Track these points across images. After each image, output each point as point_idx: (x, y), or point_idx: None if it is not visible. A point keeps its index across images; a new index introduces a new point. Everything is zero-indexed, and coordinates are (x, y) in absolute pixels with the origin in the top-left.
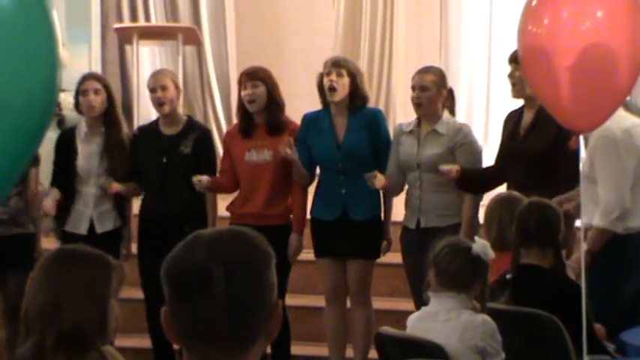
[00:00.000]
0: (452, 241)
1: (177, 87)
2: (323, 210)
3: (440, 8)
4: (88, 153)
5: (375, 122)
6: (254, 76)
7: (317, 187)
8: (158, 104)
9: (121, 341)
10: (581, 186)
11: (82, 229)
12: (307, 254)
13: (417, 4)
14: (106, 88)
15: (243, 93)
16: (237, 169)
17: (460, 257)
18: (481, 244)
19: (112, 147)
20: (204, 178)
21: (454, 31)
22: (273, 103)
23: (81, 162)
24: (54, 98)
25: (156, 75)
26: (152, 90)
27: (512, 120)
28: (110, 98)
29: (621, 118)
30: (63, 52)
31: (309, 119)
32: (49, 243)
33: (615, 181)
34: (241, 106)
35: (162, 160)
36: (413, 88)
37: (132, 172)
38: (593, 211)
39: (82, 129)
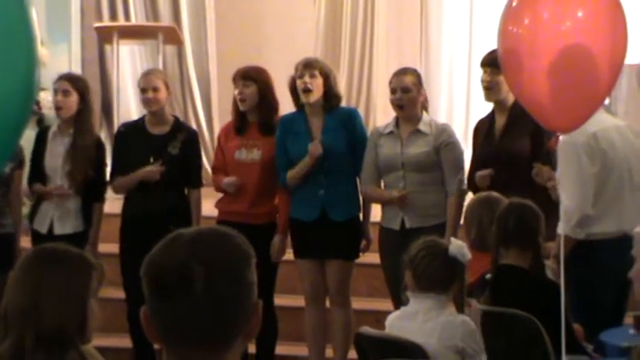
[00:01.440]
0: (428, 243)
1: (167, 88)
2: (301, 210)
3: (420, 10)
4: (54, 153)
5: (350, 121)
6: (246, 75)
7: (295, 187)
8: (148, 104)
9: (102, 341)
10: (559, 187)
11: (43, 228)
12: (288, 254)
13: (397, 6)
14: (79, 90)
15: (235, 92)
16: (227, 165)
17: (437, 259)
18: (457, 246)
19: (75, 150)
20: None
21: (435, 33)
22: (266, 102)
23: (47, 161)
24: (32, 96)
25: (148, 76)
26: (143, 90)
27: (484, 127)
28: (84, 101)
29: (593, 122)
30: (42, 51)
31: (285, 121)
32: (27, 242)
33: (575, 187)
34: (235, 104)
35: (150, 160)
36: (393, 90)
37: (100, 179)
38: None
39: (53, 128)
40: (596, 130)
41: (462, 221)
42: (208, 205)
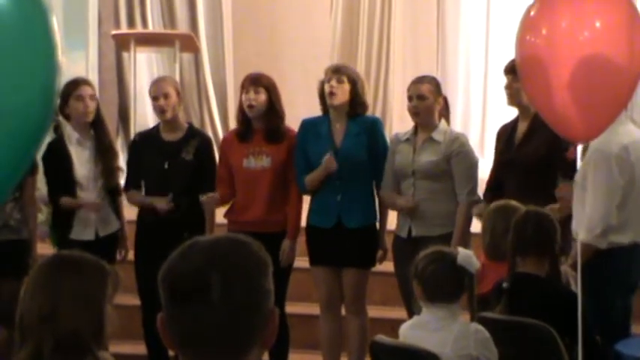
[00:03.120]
0: (435, 254)
1: (178, 94)
2: (318, 217)
3: (437, 18)
4: (83, 159)
5: (373, 130)
6: (257, 82)
7: (313, 193)
8: (160, 112)
9: (117, 347)
10: (574, 194)
11: (89, 235)
12: (304, 262)
13: (414, 14)
14: (95, 92)
15: (244, 97)
16: (234, 175)
17: (445, 270)
18: (465, 255)
19: (104, 150)
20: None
21: (451, 41)
22: (273, 111)
23: (78, 169)
24: (53, 104)
25: (158, 82)
26: (154, 98)
27: (506, 131)
28: (97, 103)
29: (624, 134)
30: (61, 58)
31: (307, 125)
32: (44, 249)
33: (603, 198)
34: (241, 109)
35: (164, 166)
36: (410, 98)
37: (132, 176)
38: (581, 220)
39: (73, 135)
40: (628, 142)
41: (473, 230)
42: (221, 212)
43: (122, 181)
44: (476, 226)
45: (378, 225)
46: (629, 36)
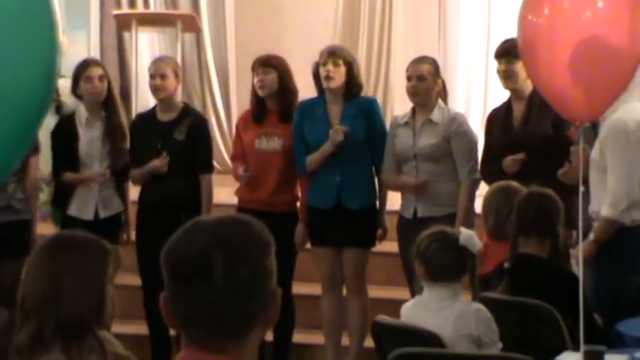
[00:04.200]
0: (437, 234)
1: (177, 76)
2: (318, 198)
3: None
4: (90, 138)
5: (370, 111)
6: (266, 62)
7: (311, 175)
8: (154, 90)
9: (118, 328)
10: (590, 173)
11: (88, 215)
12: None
13: None
14: (107, 74)
15: (254, 79)
16: (247, 154)
17: (447, 250)
18: (467, 235)
19: (113, 131)
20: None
21: (453, 22)
22: (285, 89)
23: (83, 147)
24: (53, 84)
25: (157, 62)
26: (151, 76)
27: (500, 115)
28: (109, 83)
29: (636, 111)
30: (62, 39)
31: (304, 107)
32: (45, 228)
33: (625, 173)
34: (254, 92)
35: (157, 147)
36: (409, 78)
37: (132, 158)
38: (602, 199)
39: (83, 114)
40: None
41: (477, 210)
42: (227, 193)
43: None
44: (477, 206)
45: (377, 205)
46: (631, 16)
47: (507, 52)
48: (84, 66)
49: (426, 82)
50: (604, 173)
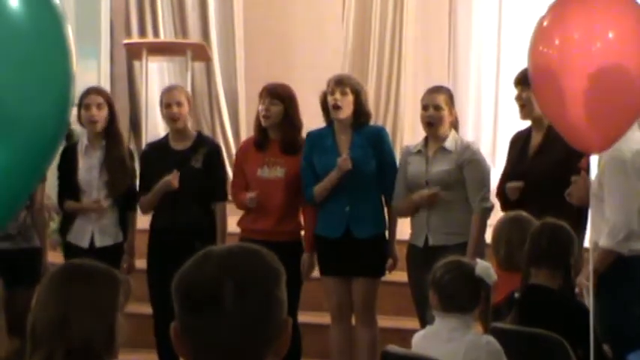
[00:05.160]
0: (453, 264)
1: (189, 103)
2: (326, 227)
3: (449, 28)
4: (88, 166)
5: (379, 140)
6: (274, 93)
7: (320, 205)
8: (172, 120)
9: (127, 356)
10: (590, 205)
11: (84, 243)
12: (314, 271)
13: (425, 23)
14: (109, 102)
15: (260, 107)
16: (248, 183)
17: (462, 280)
18: (484, 266)
19: (112, 161)
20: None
21: (463, 51)
22: (290, 122)
23: (82, 175)
24: (67, 115)
25: (171, 91)
26: (167, 105)
27: (520, 141)
28: (112, 113)
29: (635, 140)
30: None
31: (313, 137)
32: (55, 257)
33: (623, 203)
34: (258, 118)
35: None
36: (425, 107)
37: (133, 187)
38: (602, 230)
39: (83, 142)
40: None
41: (487, 239)
42: (232, 222)
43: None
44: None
45: (387, 234)
46: None
47: (526, 80)
48: (85, 94)
49: (442, 112)
50: (602, 204)
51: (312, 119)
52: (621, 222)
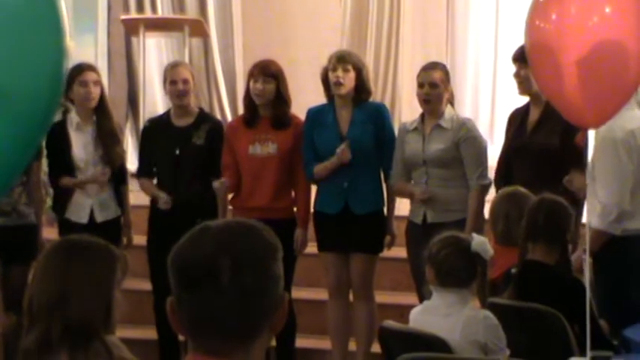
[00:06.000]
0: (449, 239)
1: (194, 79)
2: (325, 203)
3: (447, 4)
4: (83, 143)
5: (379, 116)
6: (266, 70)
7: (320, 180)
8: (178, 96)
9: (127, 332)
10: (587, 185)
11: (83, 218)
12: (312, 247)
13: (423, 0)
14: (100, 78)
15: (252, 86)
16: (240, 162)
17: (459, 255)
18: (480, 241)
19: (105, 135)
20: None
21: (460, 27)
22: (281, 98)
23: (77, 152)
24: (60, 89)
25: (176, 67)
26: (173, 82)
27: (518, 117)
28: (101, 88)
29: (629, 119)
30: (69, 43)
31: (313, 113)
32: (52, 233)
33: (614, 183)
34: (249, 96)
35: (175, 152)
36: (421, 84)
37: (124, 161)
38: (594, 210)
39: (74, 119)
40: (634, 127)
41: (485, 215)
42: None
43: (128, 168)
44: (485, 211)
45: (385, 210)
46: (638, 21)
47: (524, 57)
48: (79, 70)
49: (438, 89)
50: (594, 183)
51: (309, 96)
52: (613, 202)
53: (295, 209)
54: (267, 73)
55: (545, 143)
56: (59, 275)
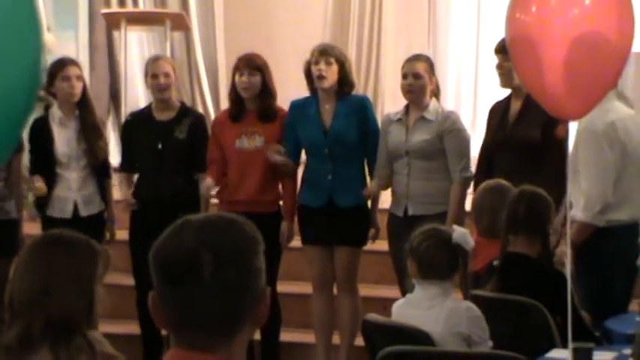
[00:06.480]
0: (430, 232)
1: (175, 73)
2: (309, 196)
3: None
4: (66, 137)
5: (362, 109)
6: (252, 63)
7: (304, 173)
8: (159, 90)
9: (110, 327)
10: (568, 177)
11: (67, 213)
12: (296, 241)
13: None
14: (82, 73)
15: (238, 79)
16: (226, 155)
17: (440, 247)
18: (461, 233)
19: (88, 130)
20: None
21: (442, 19)
22: (267, 91)
23: (60, 147)
24: (38, 84)
25: (157, 61)
26: (154, 76)
27: (499, 110)
28: (84, 83)
29: (610, 111)
30: (49, 37)
31: (296, 106)
32: (34, 228)
33: (598, 175)
34: (234, 90)
35: (157, 146)
36: (405, 75)
37: (107, 155)
38: (578, 202)
39: (56, 114)
40: (614, 118)
41: (467, 208)
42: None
43: (112, 162)
44: (468, 204)
45: (369, 204)
46: (618, 12)
47: (506, 49)
48: (61, 65)
49: (422, 80)
50: (578, 175)
51: (292, 90)
52: (596, 194)
53: (281, 202)
54: (253, 65)
55: (527, 136)
56: (40, 270)
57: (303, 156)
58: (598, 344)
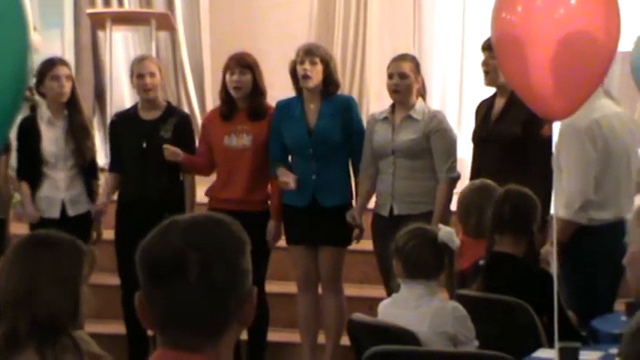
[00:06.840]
0: (416, 231)
1: (161, 73)
2: (293, 196)
3: None
4: (54, 137)
5: (347, 109)
6: (243, 62)
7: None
8: (145, 90)
9: (95, 327)
10: (554, 174)
11: (54, 213)
12: (281, 241)
13: None
14: (72, 73)
15: (229, 78)
16: (215, 153)
17: (426, 247)
18: (446, 232)
19: (76, 129)
20: (176, 149)
21: (428, 18)
22: (257, 89)
23: (48, 147)
24: (24, 83)
25: (143, 61)
26: (139, 76)
27: (484, 108)
28: (73, 82)
29: (595, 109)
30: (35, 37)
31: (282, 106)
32: (21, 228)
33: (578, 172)
34: (225, 89)
35: (142, 146)
36: (391, 75)
37: (95, 155)
38: (560, 200)
39: (45, 113)
40: (598, 116)
41: (452, 208)
42: (200, 192)
43: (99, 162)
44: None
45: (353, 203)
46: (605, 11)
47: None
48: (51, 64)
49: (408, 80)
50: (560, 172)
51: (278, 88)
52: (577, 191)
53: (269, 202)
54: (244, 64)
55: (508, 133)
56: (26, 271)
57: None
58: (584, 344)
